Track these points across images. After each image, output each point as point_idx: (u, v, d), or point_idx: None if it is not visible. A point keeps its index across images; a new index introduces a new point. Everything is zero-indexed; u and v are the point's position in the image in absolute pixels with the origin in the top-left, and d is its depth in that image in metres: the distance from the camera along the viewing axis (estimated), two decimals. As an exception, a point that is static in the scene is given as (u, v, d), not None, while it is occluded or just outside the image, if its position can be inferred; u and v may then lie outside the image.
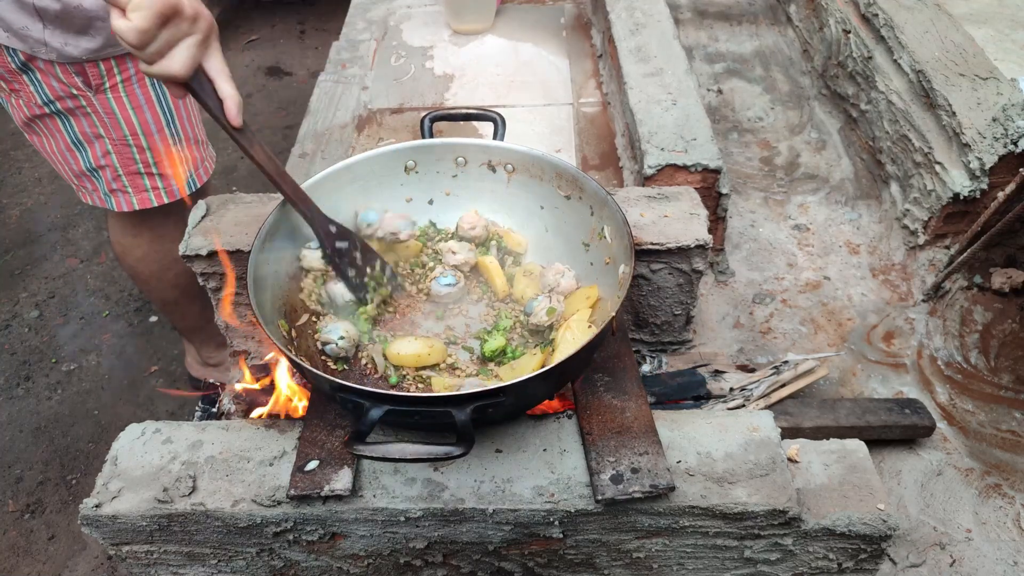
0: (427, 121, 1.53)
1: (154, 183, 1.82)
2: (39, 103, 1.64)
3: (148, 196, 1.84)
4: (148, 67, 1.06)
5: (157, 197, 1.84)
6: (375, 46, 2.97)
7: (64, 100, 1.64)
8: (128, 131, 1.72)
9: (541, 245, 1.54)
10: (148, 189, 1.83)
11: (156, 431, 1.28)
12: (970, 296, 2.01)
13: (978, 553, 1.54)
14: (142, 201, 1.84)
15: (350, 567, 1.30)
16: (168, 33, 1.02)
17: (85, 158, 1.75)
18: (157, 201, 1.84)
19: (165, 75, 1.06)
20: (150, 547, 1.25)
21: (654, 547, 1.25)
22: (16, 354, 2.80)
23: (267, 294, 1.30)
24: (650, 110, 2.07)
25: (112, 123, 1.70)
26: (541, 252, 1.53)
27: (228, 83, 1.13)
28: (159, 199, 1.84)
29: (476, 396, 1.05)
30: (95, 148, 1.73)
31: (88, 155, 1.75)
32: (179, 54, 1.05)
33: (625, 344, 1.41)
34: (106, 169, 1.77)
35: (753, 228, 2.27)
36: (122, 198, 1.83)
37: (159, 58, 1.04)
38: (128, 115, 1.70)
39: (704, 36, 3.08)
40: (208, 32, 1.08)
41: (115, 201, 1.83)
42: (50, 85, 1.61)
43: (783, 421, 1.57)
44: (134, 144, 1.74)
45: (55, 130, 1.71)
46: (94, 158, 1.75)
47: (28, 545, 2.22)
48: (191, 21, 1.04)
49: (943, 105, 1.96)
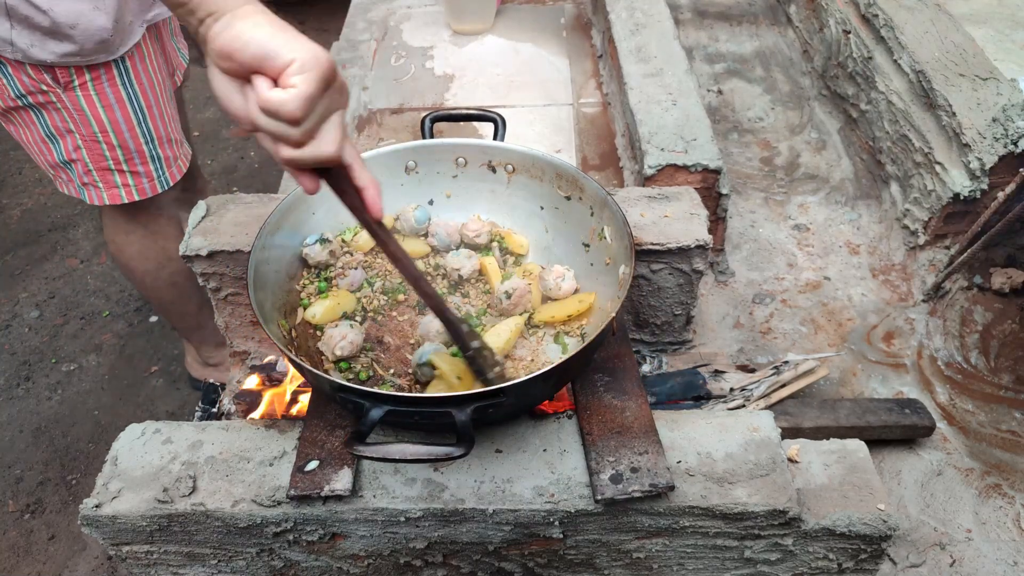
0: (427, 121, 1.53)
1: (124, 180, 1.83)
2: (12, 96, 1.65)
3: (119, 192, 1.84)
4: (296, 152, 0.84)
5: (127, 194, 1.85)
6: (375, 46, 2.97)
7: (35, 95, 1.65)
8: (98, 128, 1.72)
9: (541, 245, 1.54)
10: (119, 185, 1.83)
11: (156, 431, 1.28)
12: (970, 296, 2.01)
13: (978, 553, 1.54)
14: (112, 196, 1.84)
15: (350, 567, 1.30)
16: (323, 105, 0.82)
17: (58, 150, 1.76)
18: (127, 198, 1.85)
19: (316, 159, 0.86)
20: (150, 547, 1.25)
21: (654, 547, 1.25)
22: (16, 354, 2.80)
23: (267, 294, 1.30)
24: (650, 110, 2.07)
25: (81, 120, 1.70)
26: (541, 252, 1.53)
27: (364, 168, 0.95)
28: (129, 196, 1.85)
29: (476, 396, 1.05)
30: (66, 142, 1.74)
31: (60, 148, 1.76)
32: (330, 131, 0.84)
33: (625, 344, 1.41)
34: (77, 163, 1.78)
35: (753, 228, 2.27)
36: (93, 192, 1.84)
37: (311, 137, 0.83)
38: (98, 113, 1.71)
39: (704, 36, 3.08)
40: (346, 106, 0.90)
41: (88, 194, 1.84)
42: (21, 80, 1.62)
43: (783, 421, 1.57)
44: (104, 141, 1.75)
45: (29, 122, 1.72)
46: (66, 152, 1.76)
47: (28, 545, 2.22)
48: (340, 90, 0.85)
49: (943, 105, 1.96)
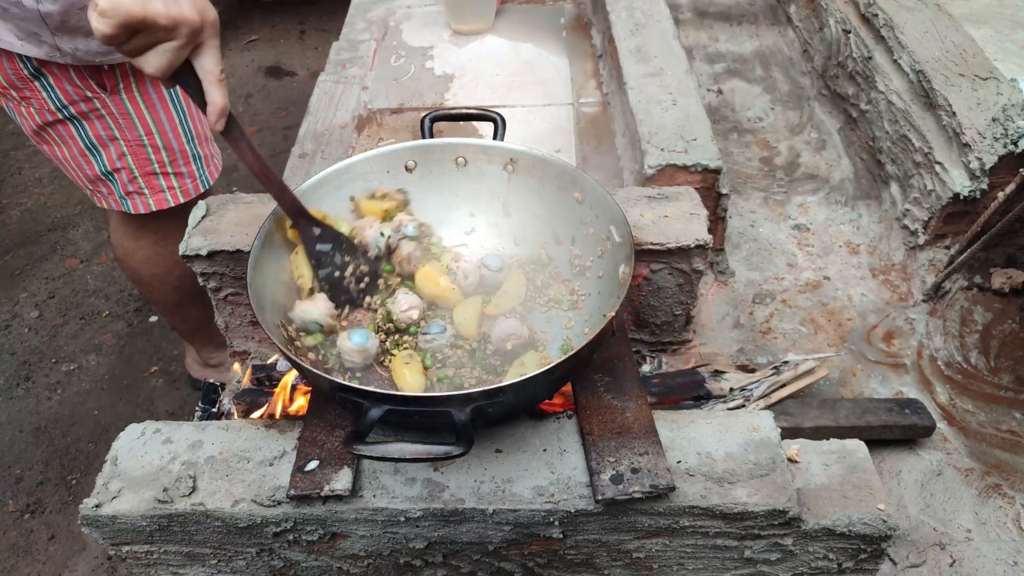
0: (427, 121, 1.53)
1: (170, 183, 1.82)
2: (52, 109, 1.64)
3: (164, 196, 1.83)
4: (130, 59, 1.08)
5: (173, 197, 1.84)
6: (375, 46, 2.97)
7: (78, 104, 1.64)
8: (143, 131, 1.72)
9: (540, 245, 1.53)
10: (164, 189, 1.83)
11: (156, 431, 1.28)
12: (970, 296, 2.01)
13: (978, 553, 1.54)
14: (158, 202, 1.83)
15: (350, 567, 1.30)
16: (140, 40, 1.03)
17: (100, 162, 1.75)
18: (173, 201, 1.84)
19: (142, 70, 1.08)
20: (150, 547, 1.25)
21: (654, 547, 1.25)
22: (16, 354, 2.80)
23: (267, 294, 1.30)
24: (650, 110, 2.07)
25: (127, 124, 1.70)
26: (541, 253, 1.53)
27: (214, 87, 1.11)
28: (175, 199, 1.84)
29: (476, 396, 1.05)
30: (110, 151, 1.73)
31: (103, 159, 1.74)
32: (153, 58, 1.06)
33: (625, 344, 1.41)
34: (122, 172, 1.77)
35: (753, 228, 2.27)
36: (139, 200, 1.82)
37: (135, 56, 1.06)
38: (143, 115, 1.70)
39: (704, 36, 3.08)
40: (192, 37, 1.06)
41: (131, 203, 1.82)
42: (63, 89, 1.60)
43: (783, 421, 1.57)
44: (149, 144, 1.74)
45: (67, 136, 1.70)
46: (109, 161, 1.75)
47: (28, 545, 2.22)
48: (167, 30, 1.03)
49: (943, 105, 1.96)
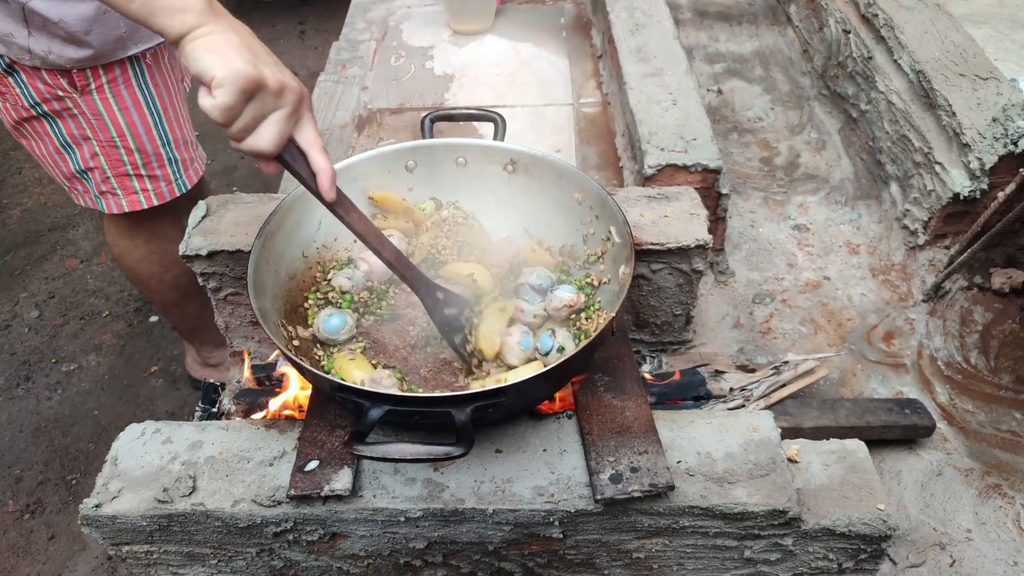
0: (427, 121, 1.53)
1: (143, 185, 1.82)
2: (25, 105, 1.63)
3: (138, 198, 1.83)
4: (237, 144, 1.04)
5: (147, 199, 1.84)
6: (375, 46, 2.97)
7: (50, 102, 1.63)
8: (115, 132, 1.71)
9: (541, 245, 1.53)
10: (138, 191, 1.82)
11: (156, 431, 1.28)
12: (970, 296, 2.01)
13: (978, 553, 1.54)
14: (131, 203, 1.83)
15: (350, 567, 1.30)
16: (253, 109, 1.01)
17: (74, 160, 1.74)
18: (147, 203, 1.84)
19: (254, 152, 1.05)
20: (150, 547, 1.25)
21: (654, 547, 1.25)
22: (16, 354, 2.80)
23: (267, 294, 1.30)
24: (650, 110, 2.07)
25: (99, 124, 1.69)
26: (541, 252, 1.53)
27: (320, 155, 1.10)
28: (148, 201, 1.84)
29: (476, 396, 1.05)
30: (83, 150, 1.72)
31: (77, 157, 1.74)
32: (266, 130, 1.03)
33: (625, 344, 1.41)
34: (95, 171, 1.76)
35: (753, 228, 2.27)
36: (112, 200, 1.82)
37: (246, 134, 1.03)
38: (115, 116, 1.69)
39: (704, 36, 3.08)
40: (297, 104, 1.06)
41: (105, 203, 1.82)
42: (35, 87, 1.60)
43: (783, 421, 1.57)
44: (122, 146, 1.73)
45: (43, 133, 1.70)
46: (82, 160, 1.74)
47: (28, 545, 2.21)
48: (276, 95, 1.03)
49: (943, 105, 1.96)
